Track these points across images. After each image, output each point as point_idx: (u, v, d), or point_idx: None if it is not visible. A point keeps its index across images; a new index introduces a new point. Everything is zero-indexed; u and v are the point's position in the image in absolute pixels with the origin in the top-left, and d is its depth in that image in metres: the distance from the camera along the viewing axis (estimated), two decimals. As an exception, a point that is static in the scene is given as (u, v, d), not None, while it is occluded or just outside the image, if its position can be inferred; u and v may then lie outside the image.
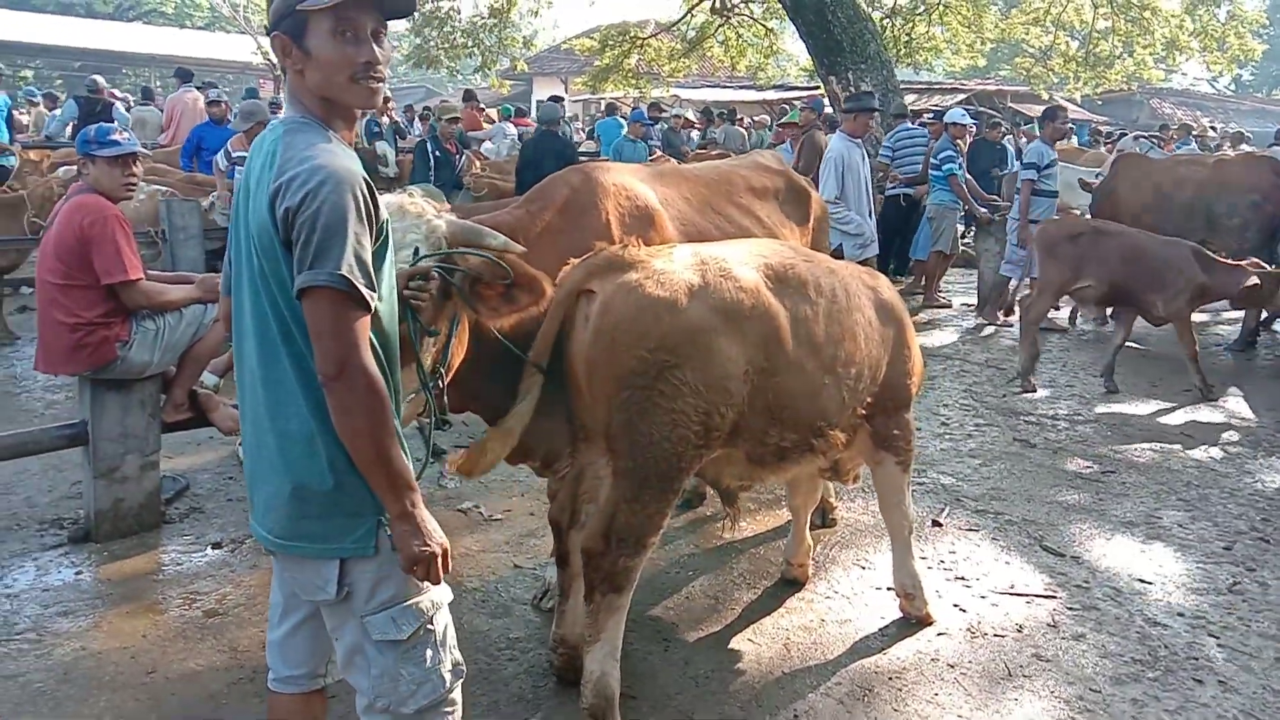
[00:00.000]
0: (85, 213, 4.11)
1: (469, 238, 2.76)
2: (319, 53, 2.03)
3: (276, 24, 2.05)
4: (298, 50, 2.05)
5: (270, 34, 2.07)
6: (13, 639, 3.60)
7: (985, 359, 8.38)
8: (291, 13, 2.02)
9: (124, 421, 4.38)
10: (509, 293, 2.77)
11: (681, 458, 2.97)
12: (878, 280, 3.75)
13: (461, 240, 2.74)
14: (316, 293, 1.89)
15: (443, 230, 2.69)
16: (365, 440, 1.94)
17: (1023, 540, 4.71)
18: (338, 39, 2.03)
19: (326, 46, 2.03)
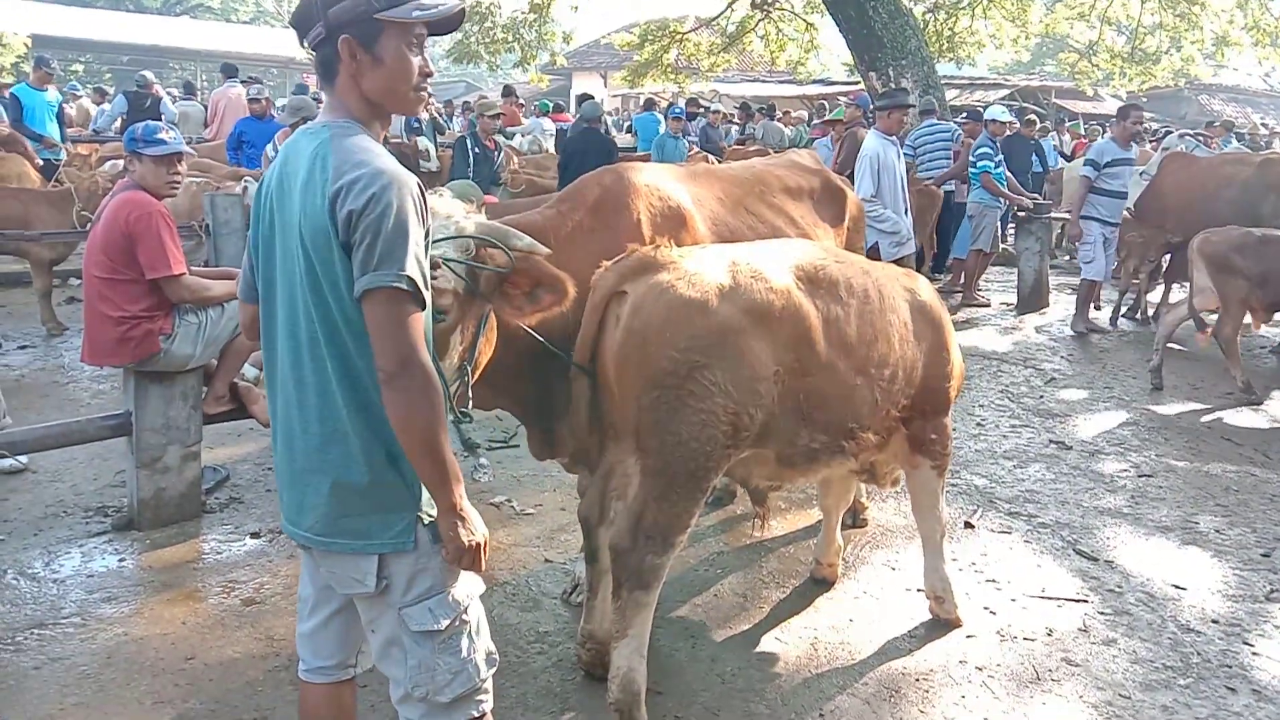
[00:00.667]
0: (131, 209, 4.21)
1: (495, 237, 2.80)
2: (390, 61, 2.09)
3: (343, 27, 2.06)
4: (365, 55, 2.08)
5: (331, 35, 2.06)
6: (59, 622, 3.71)
7: (1023, 359, 8.31)
8: (367, 19, 2.06)
9: (166, 413, 4.49)
10: (534, 292, 2.81)
11: (710, 457, 2.99)
12: (916, 281, 3.72)
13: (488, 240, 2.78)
14: (380, 293, 1.94)
15: (470, 231, 2.73)
16: (422, 434, 1.98)
17: (1055, 544, 4.67)
18: (408, 49, 2.11)
19: (398, 56, 2.09)
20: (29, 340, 7.91)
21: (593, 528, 3.45)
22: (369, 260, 1.95)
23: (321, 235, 2.01)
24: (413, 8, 2.09)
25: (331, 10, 2.05)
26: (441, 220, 2.71)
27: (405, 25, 2.09)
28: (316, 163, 2.05)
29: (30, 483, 5.02)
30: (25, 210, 7.95)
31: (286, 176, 2.15)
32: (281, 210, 2.14)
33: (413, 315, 1.98)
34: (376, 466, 2.11)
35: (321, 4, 2.07)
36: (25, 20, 29.67)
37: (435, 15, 2.13)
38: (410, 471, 2.12)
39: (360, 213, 1.95)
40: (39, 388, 6.69)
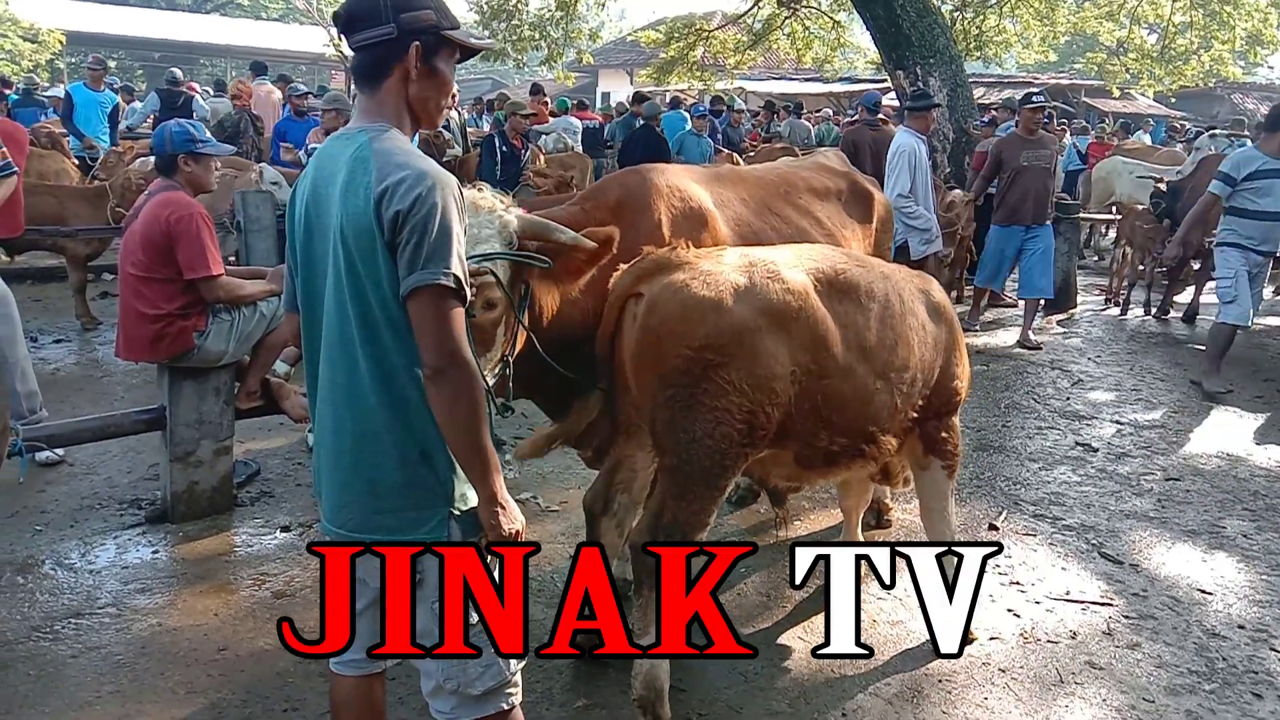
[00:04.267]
0: (172, 209, 4.28)
1: (539, 232, 2.83)
2: (442, 74, 2.23)
3: (415, 34, 2.14)
4: (423, 65, 2.18)
5: (402, 38, 2.13)
6: (95, 612, 3.79)
7: (1050, 360, 8.27)
8: (435, 32, 2.17)
9: (200, 408, 4.57)
10: (577, 268, 2.90)
11: (726, 456, 3.01)
12: (929, 283, 3.74)
13: (531, 234, 2.82)
14: (427, 291, 2.00)
15: (514, 226, 2.77)
16: (466, 427, 2.04)
17: (1080, 546, 4.67)
18: (452, 67, 2.26)
19: (447, 71, 2.25)
20: (64, 334, 8.06)
21: (595, 518, 3.53)
22: (416, 259, 2.01)
23: (365, 235, 2.06)
24: (467, 33, 2.26)
25: (404, 15, 2.14)
26: (485, 215, 2.76)
27: (455, 46, 2.24)
28: (357, 165, 2.10)
29: (66, 475, 5.12)
30: (61, 206, 8.08)
31: (322, 181, 2.20)
32: (318, 215, 2.20)
33: (457, 311, 2.05)
34: (410, 464, 2.16)
35: (393, 6, 2.14)
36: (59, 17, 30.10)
37: (480, 47, 2.33)
38: (443, 468, 2.18)
39: (407, 213, 2.01)
40: (73, 381, 6.81)
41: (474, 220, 2.68)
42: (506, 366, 2.78)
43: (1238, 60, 23.04)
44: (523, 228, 2.75)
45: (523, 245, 2.73)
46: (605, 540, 3.43)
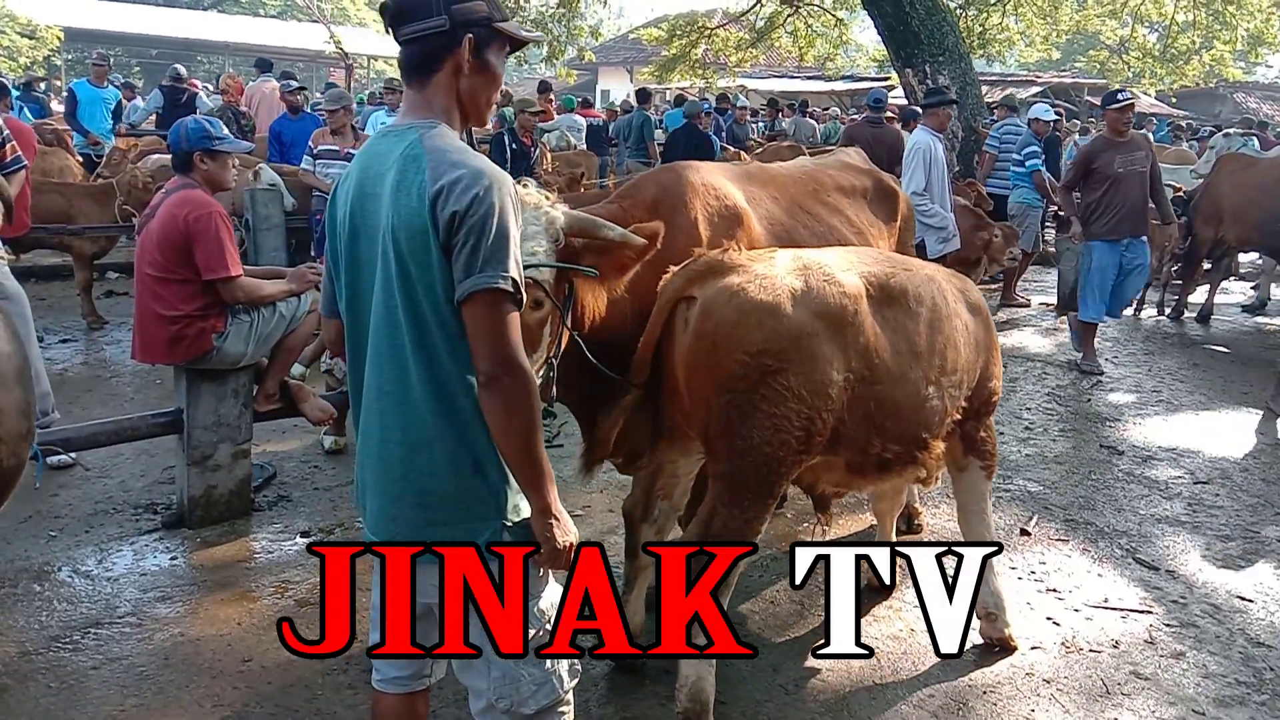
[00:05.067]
0: (190, 208, 4.18)
1: (586, 228, 2.74)
2: (494, 68, 2.15)
3: (469, 26, 2.06)
4: (476, 58, 2.10)
5: (454, 30, 2.05)
6: (115, 622, 3.70)
7: (1067, 361, 8.19)
8: (487, 24, 2.09)
9: (218, 411, 4.47)
10: (623, 266, 2.78)
11: (782, 463, 2.93)
12: (966, 283, 3.67)
13: (578, 231, 2.72)
14: (484, 295, 1.92)
15: (561, 222, 2.68)
16: (522, 436, 1.96)
17: (1114, 552, 4.59)
18: (503, 61, 2.17)
19: (499, 65, 2.16)
20: (70, 334, 7.95)
21: (635, 524, 3.44)
22: (473, 262, 1.92)
23: (419, 237, 1.97)
24: (518, 26, 2.19)
25: (456, 7, 2.05)
26: (531, 211, 2.67)
27: (505, 39, 2.15)
28: (409, 164, 2.01)
29: (79, 479, 5.03)
30: (68, 204, 7.98)
31: (369, 181, 2.11)
32: (365, 215, 2.10)
33: (514, 316, 1.97)
34: (463, 474, 2.07)
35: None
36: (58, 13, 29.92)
37: (530, 39, 2.25)
38: (496, 478, 2.09)
39: (464, 214, 1.92)
40: (82, 382, 6.71)
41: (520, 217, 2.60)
42: (551, 368, 2.69)
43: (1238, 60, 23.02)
44: (569, 224, 2.66)
45: (569, 242, 2.64)
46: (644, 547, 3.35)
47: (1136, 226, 7.64)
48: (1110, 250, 7.67)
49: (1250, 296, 10.89)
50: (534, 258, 2.52)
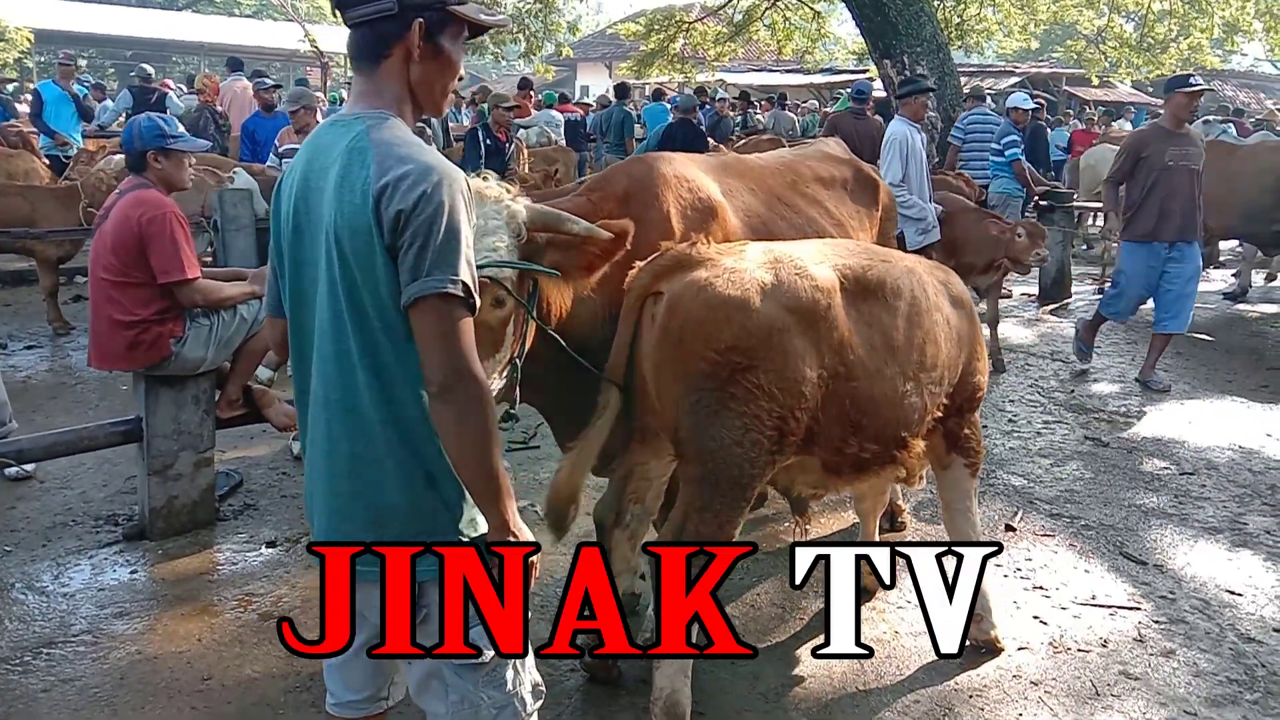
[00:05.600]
0: (144, 209, 4.04)
1: (550, 223, 2.62)
2: (449, 55, 2.01)
3: (418, 9, 1.93)
4: (426, 43, 1.96)
5: (402, 13, 1.91)
6: (70, 640, 3.55)
7: (1050, 352, 8.12)
8: (440, 7, 1.95)
9: (178, 418, 4.32)
10: (590, 263, 2.66)
11: (754, 463, 2.82)
12: (949, 275, 3.56)
13: (541, 225, 2.61)
14: (432, 300, 1.79)
15: (523, 216, 2.56)
16: (476, 449, 1.83)
17: (1101, 546, 4.50)
18: (461, 47, 2.03)
19: (454, 51, 2.03)
20: (36, 340, 7.78)
21: (607, 529, 3.32)
22: (420, 265, 1.79)
23: (362, 236, 1.84)
24: (477, 9, 2.03)
25: None
26: (492, 205, 2.55)
27: (462, 24, 2.01)
28: (354, 157, 1.88)
29: (37, 490, 4.87)
30: (31, 207, 7.78)
31: (313, 174, 1.98)
32: (309, 211, 1.97)
33: (466, 322, 1.83)
34: (415, 488, 1.95)
35: None
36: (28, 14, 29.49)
37: (493, 23, 2.11)
38: (451, 491, 1.97)
39: (410, 213, 1.79)
40: (46, 389, 6.54)
41: (480, 211, 2.47)
42: (515, 370, 2.57)
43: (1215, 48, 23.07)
44: (532, 218, 2.54)
45: (531, 237, 2.52)
46: (617, 553, 3.23)
47: (1185, 229, 6.81)
48: (1150, 254, 6.86)
49: (1231, 284, 10.85)
50: (494, 254, 2.39)
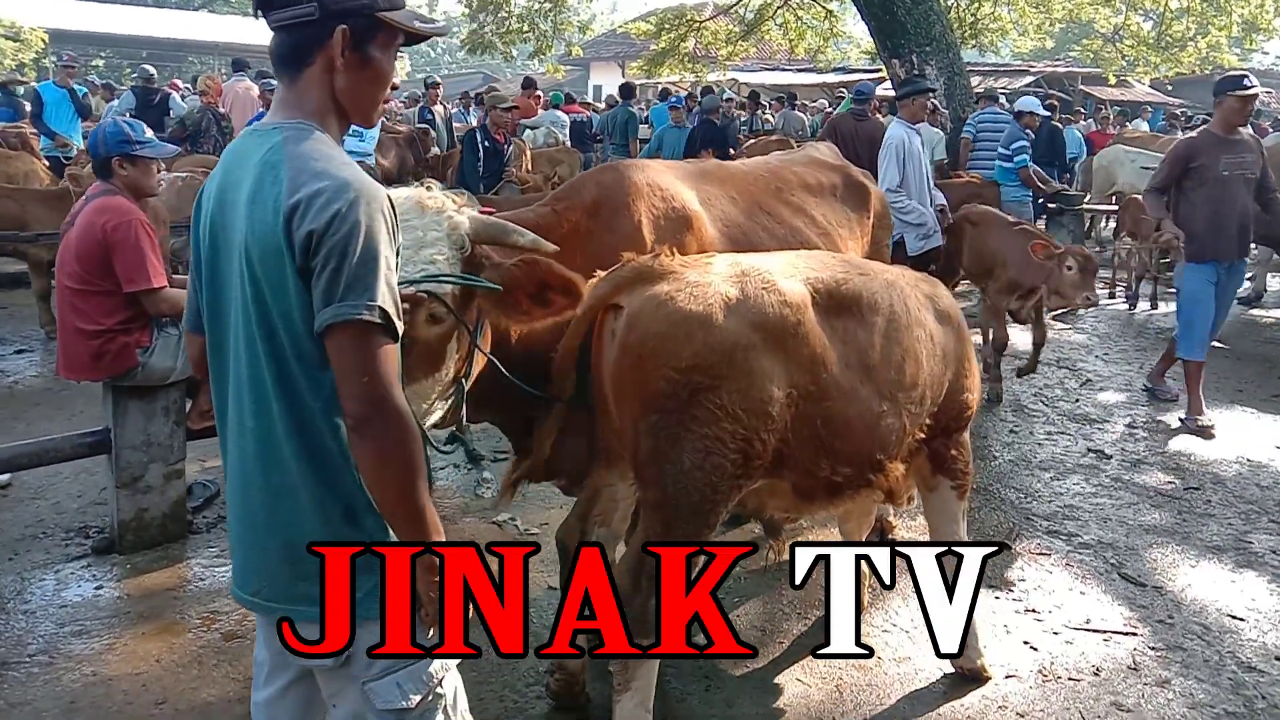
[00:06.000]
0: (108, 216, 3.94)
1: (494, 234, 2.51)
2: (377, 64, 1.88)
3: (342, 15, 1.80)
4: (353, 53, 1.83)
5: (324, 20, 1.79)
6: (24, 661, 3.45)
7: (1055, 359, 7.94)
8: (368, 14, 1.82)
9: (147, 429, 4.22)
10: (541, 294, 2.52)
11: (717, 489, 2.68)
12: (936, 288, 3.39)
13: (485, 237, 2.49)
14: (348, 328, 1.67)
15: (465, 228, 2.44)
16: (397, 486, 1.73)
17: (1098, 566, 4.34)
18: (393, 56, 1.91)
19: (384, 60, 1.90)
20: (27, 344, 7.71)
21: (570, 553, 3.15)
22: (333, 290, 1.67)
23: (273, 258, 1.72)
24: (412, 15, 1.91)
25: None
26: (432, 216, 2.43)
27: (396, 31, 1.88)
28: (266, 172, 1.76)
29: (11, 500, 4.78)
30: (22, 210, 7.72)
31: (229, 186, 1.85)
32: (225, 227, 1.85)
33: (385, 350, 1.71)
34: (333, 524, 1.83)
35: None
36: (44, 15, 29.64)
37: (431, 31, 1.96)
38: (373, 528, 1.85)
39: (323, 233, 1.67)
40: (32, 395, 6.47)
41: (420, 222, 2.35)
42: (461, 390, 2.45)
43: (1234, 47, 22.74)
44: (476, 230, 2.42)
45: (475, 251, 2.40)
46: None
47: (1242, 246, 6.31)
48: (1211, 274, 6.21)
49: (1246, 289, 10.62)
50: (432, 266, 2.28)
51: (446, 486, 5.20)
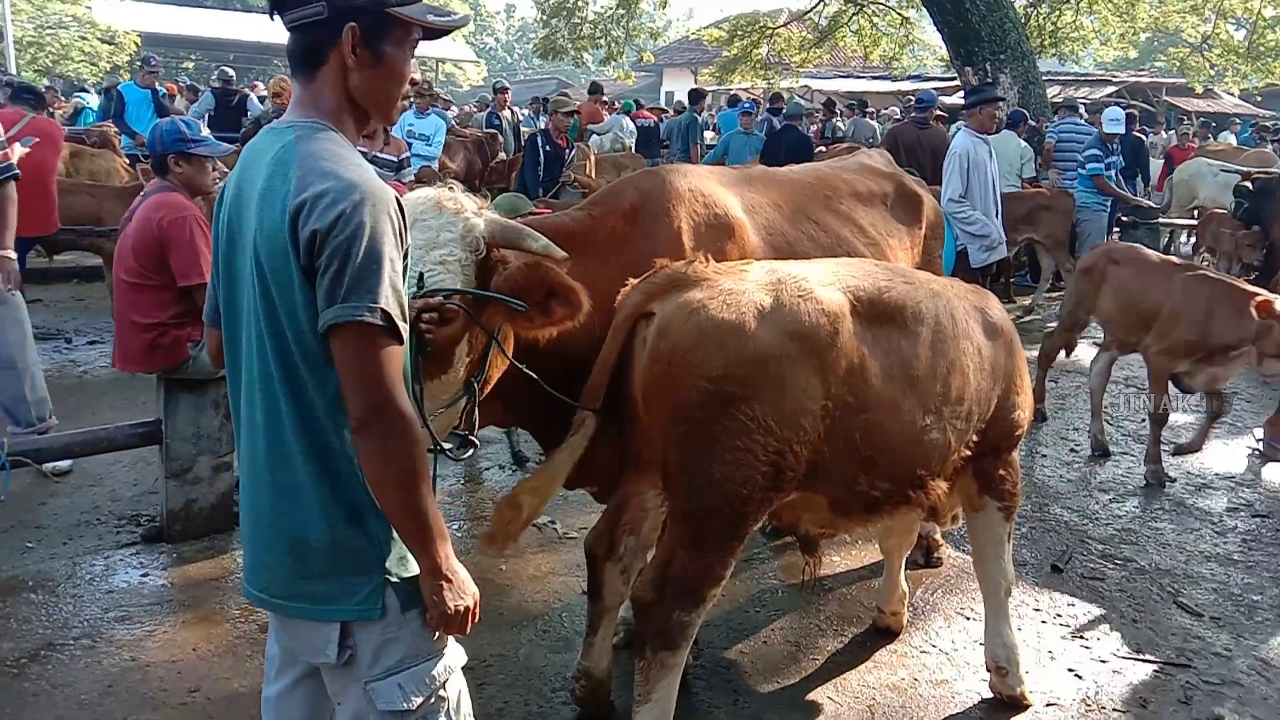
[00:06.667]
0: (165, 211, 4.04)
1: (509, 238, 2.50)
2: (391, 61, 1.86)
3: (352, 13, 1.79)
4: (366, 51, 1.83)
5: (334, 19, 1.78)
6: (68, 643, 3.54)
7: (1122, 376, 7.66)
8: (377, 11, 1.82)
9: (197, 421, 4.32)
10: (545, 303, 2.50)
11: (747, 502, 2.63)
12: (987, 300, 3.28)
13: (500, 241, 2.49)
14: (350, 328, 1.67)
15: (480, 230, 2.43)
16: (400, 488, 1.72)
17: (1154, 594, 4.17)
18: (409, 52, 1.89)
19: (399, 57, 1.88)
20: (100, 335, 7.94)
21: (599, 562, 3.10)
22: (336, 290, 1.67)
23: (279, 257, 1.73)
24: (425, 9, 1.88)
25: None
26: (448, 217, 2.43)
27: (410, 26, 1.87)
28: (277, 170, 1.77)
29: (70, 486, 4.93)
30: (98, 206, 7.99)
31: (245, 184, 1.87)
32: (240, 224, 1.86)
33: (388, 352, 1.71)
34: (337, 523, 1.83)
35: None
36: (137, 20, 30.71)
37: (445, 25, 1.94)
38: (376, 528, 1.85)
39: (327, 233, 1.67)
40: (100, 385, 6.67)
41: (435, 222, 2.35)
42: (472, 393, 2.43)
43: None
44: (492, 233, 2.41)
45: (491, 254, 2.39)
46: (609, 588, 3.06)
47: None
48: None
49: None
50: (443, 267, 2.28)
51: (490, 487, 5.22)
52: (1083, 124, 10.71)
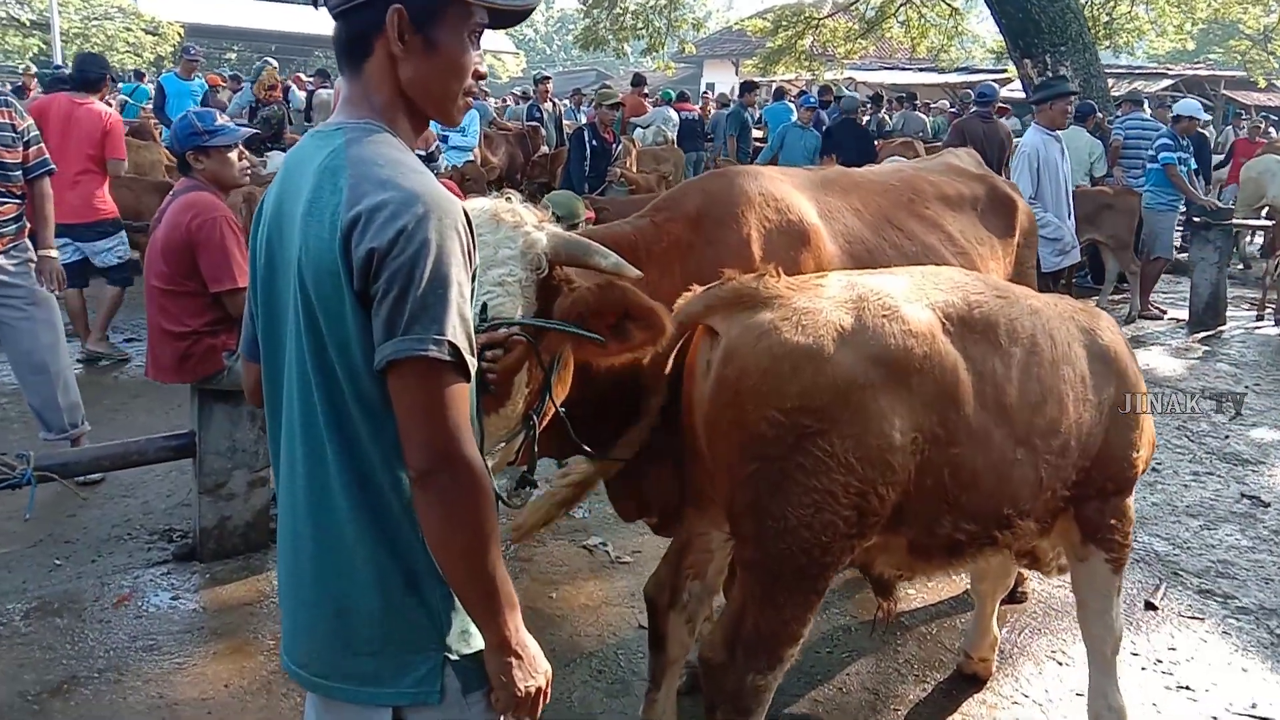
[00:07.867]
0: (194, 212, 3.81)
1: (574, 255, 2.22)
2: (445, 50, 1.58)
3: None
4: (415, 36, 1.55)
5: (376, 1, 1.53)
6: (93, 677, 3.31)
7: (1201, 387, 7.27)
8: None
9: (232, 435, 4.09)
10: (620, 325, 2.21)
11: (827, 550, 2.32)
12: (1097, 321, 2.90)
13: (565, 257, 2.21)
14: (413, 364, 1.41)
15: (543, 245, 2.15)
16: (466, 550, 1.46)
17: (1262, 637, 3.82)
18: (469, 40, 1.61)
19: (456, 44, 1.60)
20: (137, 333, 7.77)
21: (661, 610, 2.81)
22: (396, 320, 1.40)
23: (329, 279, 1.46)
24: None
25: None
26: (506, 231, 2.15)
27: (469, 8, 1.58)
28: (325, 179, 1.50)
29: (101, 496, 4.74)
30: (137, 200, 7.78)
31: (287, 197, 1.60)
32: (282, 243, 1.59)
33: (454, 391, 1.44)
34: (391, 591, 1.56)
35: None
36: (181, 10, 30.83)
37: (509, 3, 1.64)
38: (436, 597, 1.58)
39: (386, 253, 1.40)
40: (133, 386, 6.49)
41: (493, 238, 2.07)
42: (531, 428, 2.15)
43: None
44: (555, 249, 2.13)
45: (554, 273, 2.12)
46: (673, 638, 2.76)
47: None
48: None
49: None
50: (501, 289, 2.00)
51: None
52: (1150, 120, 10.25)
